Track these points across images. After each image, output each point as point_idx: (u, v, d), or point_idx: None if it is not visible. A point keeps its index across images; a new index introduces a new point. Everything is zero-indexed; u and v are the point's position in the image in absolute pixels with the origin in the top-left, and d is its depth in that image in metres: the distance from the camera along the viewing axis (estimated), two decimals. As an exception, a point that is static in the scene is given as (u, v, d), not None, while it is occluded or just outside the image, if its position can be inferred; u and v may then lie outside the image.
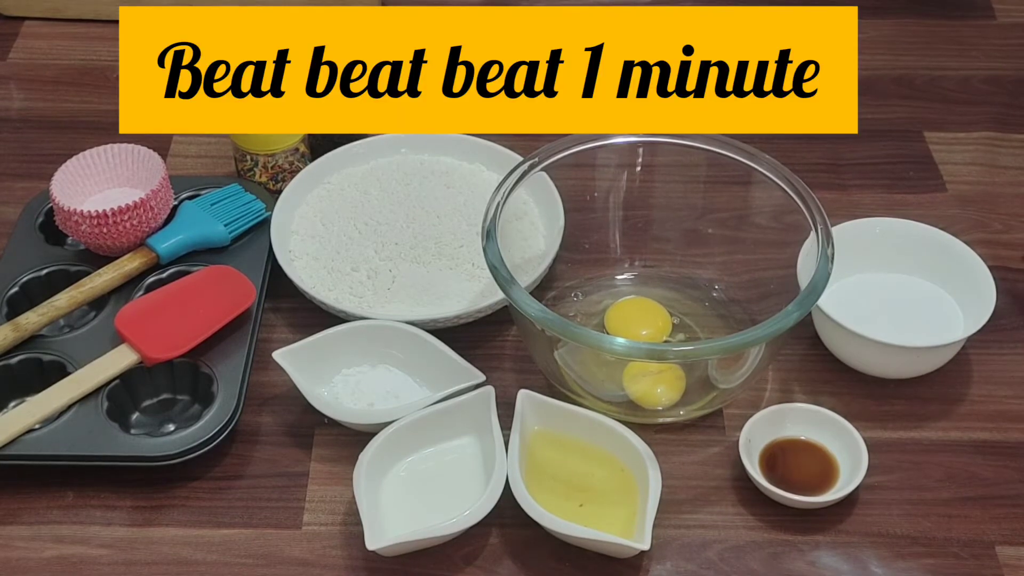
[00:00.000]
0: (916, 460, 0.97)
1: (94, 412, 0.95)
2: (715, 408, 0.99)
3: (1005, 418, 1.00)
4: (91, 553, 0.91)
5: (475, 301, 1.04)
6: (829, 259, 0.93)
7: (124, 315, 0.99)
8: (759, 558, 0.91)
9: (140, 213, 1.04)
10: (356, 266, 1.07)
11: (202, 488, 0.95)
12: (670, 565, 0.90)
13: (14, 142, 1.25)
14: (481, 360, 0.99)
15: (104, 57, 1.34)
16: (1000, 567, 0.90)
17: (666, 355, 0.94)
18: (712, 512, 0.93)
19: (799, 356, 1.04)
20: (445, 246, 1.09)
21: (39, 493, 0.94)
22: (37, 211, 1.11)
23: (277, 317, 1.07)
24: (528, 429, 0.94)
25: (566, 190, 1.08)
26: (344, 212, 1.12)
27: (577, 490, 0.93)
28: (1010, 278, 1.10)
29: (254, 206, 1.10)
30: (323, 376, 1.00)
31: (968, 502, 0.94)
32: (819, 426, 0.96)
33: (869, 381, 1.02)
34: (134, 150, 1.10)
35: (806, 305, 0.90)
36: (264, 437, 0.98)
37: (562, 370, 0.98)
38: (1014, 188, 1.20)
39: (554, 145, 1.02)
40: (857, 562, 0.91)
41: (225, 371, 0.98)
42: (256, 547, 0.91)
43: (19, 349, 0.99)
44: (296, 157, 1.15)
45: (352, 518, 0.91)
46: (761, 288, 1.05)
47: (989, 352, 1.04)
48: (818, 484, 0.94)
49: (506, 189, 0.99)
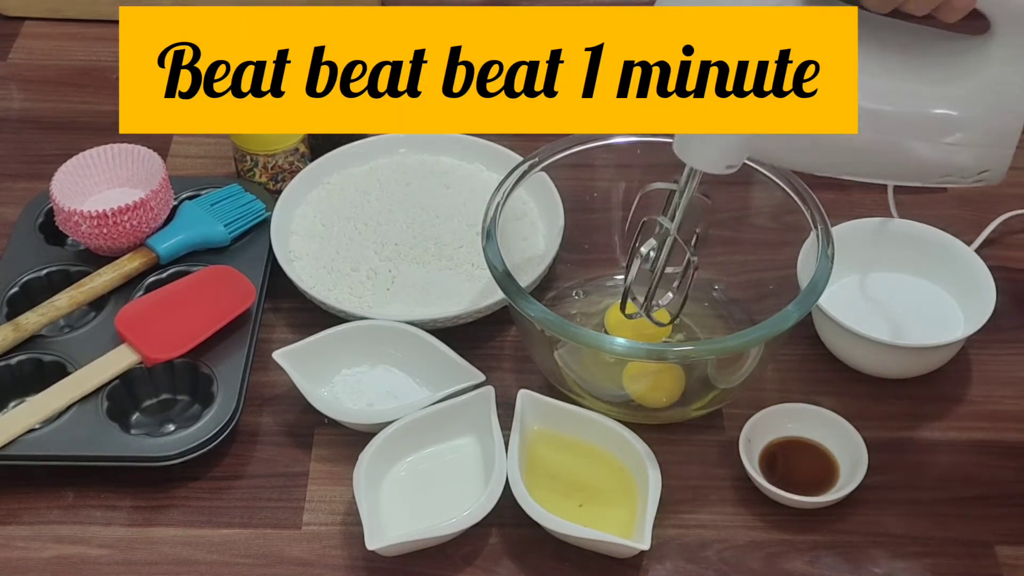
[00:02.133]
0: (916, 460, 0.97)
1: (94, 412, 0.95)
2: (715, 408, 0.99)
3: (1004, 418, 1.00)
4: (91, 553, 0.91)
5: (475, 301, 1.04)
6: (829, 259, 0.93)
7: (124, 315, 0.99)
8: (759, 558, 0.91)
9: (140, 213, 1.04)
10: (356, 266, 1.07)
11: (202, 488, 0.95)
12: (670, 565, 0.90)
13: (14, 142, 1.25)
14: (481, 360, 0.99)
15: (104, 57, 1.34)
16: (999, 567, 0.90)
17: (666, 355, 0.94)
18: (712, 512, 0.94)
19: (799, 356, 1.04)
20: (445, 246, 1.09)
21: (39, 493, 0.94)
22: (37, 211, 1.11)
23: (277, 317, 1.07)
24: (528, 429, 0.94)
25: (566, 190, 1.08)
26: (344, 212, 1.12)
27: (577, 490, 0.93)
28: (1010, 278, 1.10)
29: (254, 206, 1.10)
30: (323, 376, 1.00)
31: (967, 502, 0.94)
32: (819, 426, 0.96)
33: (869, 381, 1.02)
34: (134, 150, 1.10)
35: (806, 305, 0.90)
36: (264, 437, 0.98)
37: (562, 370, 0.98)
38: (1014, 188, 1.19)
39: (554, 145, 1.02)
40: (857, 562, 0.91)
41: (225, 371, 0.98)
42: (256, 547, 0.91)
43: (19, 349, 0.99)
44: (296, 157, 1.15)
45: (352, 518, 0.91)
46: (761, 288, 1.05)
47: (989, 352, 1.04)
48: (818, 484, 0.94)
49: (506, 189, 0.99)
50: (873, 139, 0.80)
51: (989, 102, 0.78)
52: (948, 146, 0.80)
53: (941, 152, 0.81)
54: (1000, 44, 0.77)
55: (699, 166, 0.85)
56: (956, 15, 0.74)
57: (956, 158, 0.81)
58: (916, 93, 0.79)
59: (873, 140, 0.80)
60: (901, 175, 0.84)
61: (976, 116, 0.79)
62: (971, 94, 0.78)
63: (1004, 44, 0.77)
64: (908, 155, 0.81)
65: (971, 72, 0.78)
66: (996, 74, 0.77)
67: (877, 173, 0.85)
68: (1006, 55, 0.77)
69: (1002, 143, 0.80)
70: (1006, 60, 0.77)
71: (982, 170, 0.81)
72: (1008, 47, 0.77)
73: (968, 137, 0.80)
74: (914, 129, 0.80)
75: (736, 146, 0.82)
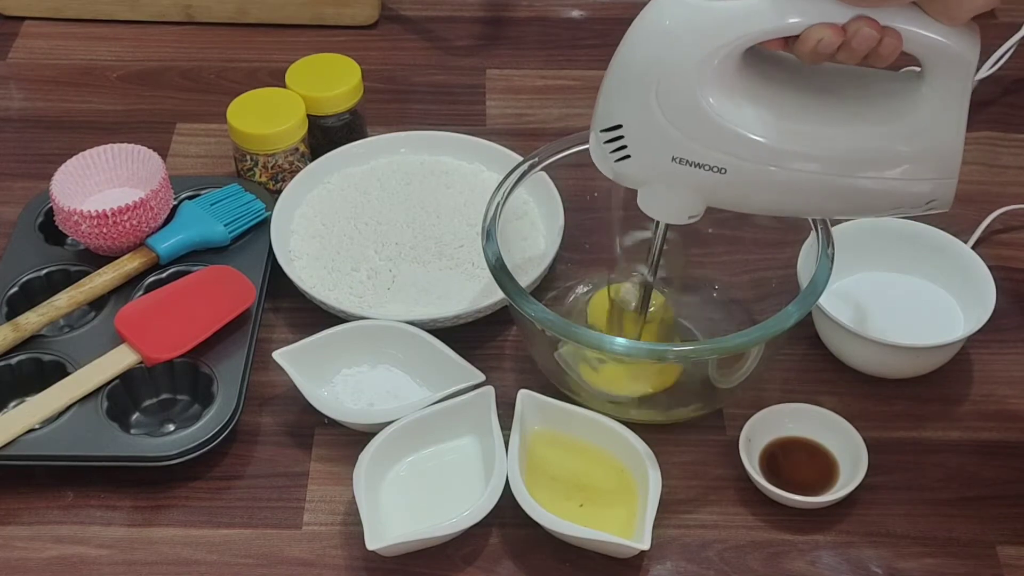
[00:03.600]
0: (916, 460, 0.97)
1: (94, 412, 0.95)
2: (715, 408, 0.99)
3: (1005, 418, 1.00)
4: (91, 553, 0.91)
5: (475, 301, 1.04)
6: (829, 259, 0.93)
7: (124, 315, 0.99)
8: (759, 558, 0.91)
9: (140, 213, 1.04)
10: (356, 266, 1.07)
11: (202, 488, 0.95)
12: (670, 565, 0.90)
13: (14, 142, 1.25)
14: (481, 360, 0.99)
15: (104, 57, 1.34)
16: (1000, 567, 0.90)
17: (666, 355, 0.94)
18: (712, 512, 0.93)
19: (799, 356, 1.04)
20: (445, 246, 1.09)
21: (39, 493, 0.94)
22: (37, 211, 1.10)
23: (277, 317, 1.07)
24: (528, 429, 0.94)
25: (566, 190, 1.08)
26: (344, 212, 1.12)
27: (577, 490, 0.93)
28: (1010, 278, 1.10)
29: (254, 206, 1.10)
30: (323, 376, 1.00)
31: (968, 502, 0.94)
32: (819, 426, 0.96)
33: (869, 381, 1.02)
34: (134, 150, 1.10)
35: (806, 305, 0.90)
36: (264, 437, 0.98)
37: (562, 370, 0.98)
38: (1014, 188, 1.20)
39: (554, 145, 1.02)
40: (857, 562, 0.91)
41: (225, 371, 0.98)
42: (256, 547, 0.91)
43: (19, 349, 0.99)
44: (296, 157, 1.15)
45: (352, 518, 0.91)
46: (761, 288, 1.05)
47: (989, 352, 1.04)
48: (818, 484, 0.94)
49: (506, 189, 0.99)
50: (823, 181, 0.83)
51: (928, 138, 0.81)
52: (894, 181, 0.83)
53: (888, 187, 0.83)
54: (931, 85, 0.79)
55: (662, 219, 0.89)
56: (884, 62, 0.77)
57: (903, 191, 0.83)
58: (862, 133, 0.82)
59: (823, 182, 0.83)
60: (852, 210, 0.88)
61: (917, 151, 0.82)
62: (911, 131, 0.81)
63: (934, 85, 0.79)
64: (858, 192, 0.83)
65: (909, 111, 0.80)
66: (930, 111, 0.80)
67: (829, 211, 0.88)
68: (937, 94, 0.79)
69: (944, 174, 0.82)
70: (937, 98, 0.79)
71: (929, 200, 0.84)
72: (938, 86, 0.79)
73: (912, 171, 0.82)
74: (862, 167, 0.82)
75: (693, 200, 0.86)
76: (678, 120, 0.80)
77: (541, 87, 1.31)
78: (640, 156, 0.83)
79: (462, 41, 1.38)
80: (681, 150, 0.81)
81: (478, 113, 1.28)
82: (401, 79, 1.33)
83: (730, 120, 0.80)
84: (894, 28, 0.76)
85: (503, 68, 1.34)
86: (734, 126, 0.80)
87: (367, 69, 1.20)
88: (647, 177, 0.85)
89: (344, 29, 1.37)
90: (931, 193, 0.83)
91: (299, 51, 1.22)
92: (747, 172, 0.82)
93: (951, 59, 0.77)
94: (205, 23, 1.38)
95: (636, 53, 0.79)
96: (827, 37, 0.75)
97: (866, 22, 0.75)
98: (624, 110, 0.82)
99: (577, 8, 1.41)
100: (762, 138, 0.81)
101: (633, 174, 0.85)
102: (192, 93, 1.30)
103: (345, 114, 1.18)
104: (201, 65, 1.34)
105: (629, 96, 0.81)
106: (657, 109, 0.80)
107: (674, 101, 0.80)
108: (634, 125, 0.82)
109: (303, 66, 1.19)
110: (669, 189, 0.85)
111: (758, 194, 0.84)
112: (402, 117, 1.27)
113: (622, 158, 0.83)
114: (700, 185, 0.83)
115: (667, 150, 0.82)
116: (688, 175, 0.82)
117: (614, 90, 0.82)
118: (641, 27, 0.79)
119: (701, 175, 0.82)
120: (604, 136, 0.83)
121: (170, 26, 1.38)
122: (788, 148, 0.81)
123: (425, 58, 1.35)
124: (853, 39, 0.75)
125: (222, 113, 1.14)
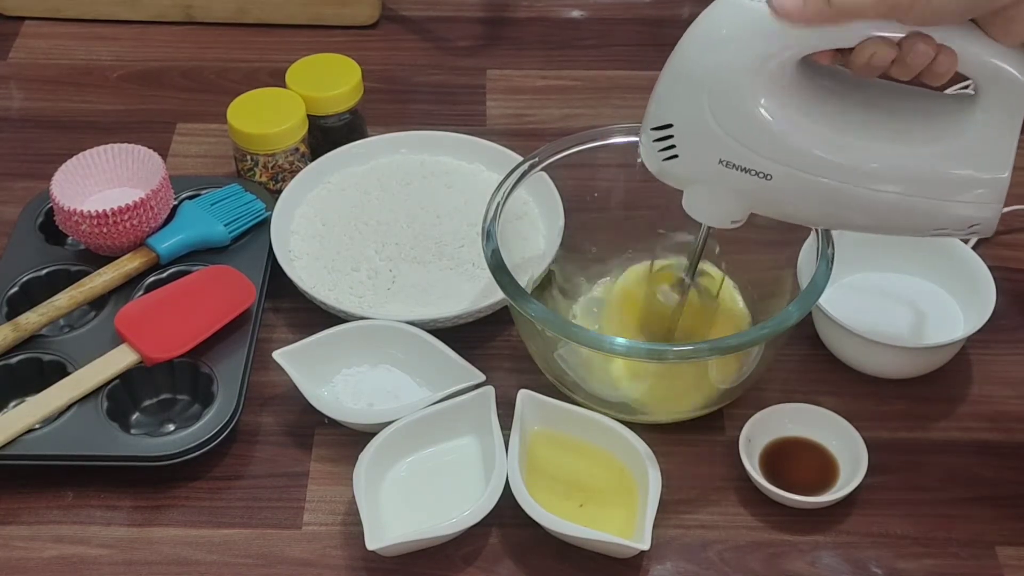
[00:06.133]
0: (916, 460, 0.97)
1: (94, 412, 0.95)
2: (715, 408, 0.99)
3: (1005, 418, 1.00)
4: (91, 553, 0.91)
5: (475, 301, 1.04)
6: (829, 259, 0.93)
7: (124, 315, 0.99)
8: (759, 558, 0.91)
9: (140, 213, 1.04)
10: (356, 266, 1.07)
11: (202, 488, 0.95)
12: (670, 565, 0.90)
13: (14, 142, 1.25)
14: (481, 360, 0.99)
15: (104, 57, 1.34)
16: (1000, 567, 0.90)
17: (666, 355, 0.94)
18: (712, 512, 0.93)
19: (799, 356, 1.04)
20: (445, 246, 1.09)
21: (39, 493, 0.94)
22: (37, 211, 1.10)
23: (277, 317, 1.07)
24: (528, 429, 0.94)
25: (566, 190, 1.08)
26: (344, 212, 1.12)
27: (577, 490, 0.93)
28: (1010, 278, 1.10)
29: (254, 206, 1.10)
30: (323, 376, 1.00)
31: (968, 502, 0.94)
32: (819, 426, 0.96)
33: (869, 381, 1.02)
34: (134, 150, 1.10)
35: (806, 305, 0.90)
36: (264, 437, 0.98)
37: (562, 370, 0.98)
38: (1014, 188, 1.18)
39: (554, 145, 1.02)
40: (857, 562, 0.91)
41: (225, 371, 0.98)
42: (256, 547, 0.91)
43: (19, 349, 0.99)
44: (296, 157, 1.15)
45: (352, 518, 0.91)
46: (761, 288, 1.05)
47: (989, 352, 1.04)
48: (818, 484, 0.94)
49: (506, 189, 0.99)
50: (868, 196, 0.83)
51: (978, 161, 0.81)
52: (939, 202, 0.83)
53: (931, 207, 0.83)
54: (984, 107, 0.79)
55: (705, 222, 0.89)
56: (940, 80, 0.77)
57: (947, 212, 0.83)
58: (911, 151, 0.82)
59: (868, 197, 0.83)
60: (893, 228, 0.87)
61: (966, 173, 0.81)
62: (961, 153, 0.81)
63: (988, 108, 0.79)
64: (900, 211, 0.83)
65: (959, 132, 0.80)
66: (982, 134, 0.80)
67: (874, 227, 0.88)
68: (989, 117, 0.79)
69: (990, 199, 0.82)
70: (990, 120, 0.79)
71: (973, 224, 0.84)
72: (992, 109, 0.79)
73: (959, 193, 0.82)
74: (907, 184, 0.82)
75: (737, 205, 0.87)
76: (727, 123, 0.81)
77: (541, 87, 1.31)
78: (687, 156, 0.84)
79: (462, 41, 1.38)
80: (728, 153, 0.82)
81: (478, 113, 1.28)
82: (401, 79, 1.33)
83: (779, 127, 0.81)
84: (950, 47, 0.76)
85: (503, 68, 1.34)
86: (783, 133, 0.81)
87: (367, 69, 1.20)
88: (693, 177, 0.85)
89: (344, 29, 1.38)
90: (975, 217, 0.83)
91: (299, 51, 1.22)
92: (792, 180, 0.82)
93: (1006, 82, 0.77)
94: (205, 23, 1.38)
95: (691, 56, 0.80)
96: (881, 51, 0.76)
97: (921, 39, 0.75)
98: (675, 110, 0.82)
99: (577, 8, 1.40)
100: (809, 147, 0.81)
101: (679, 173, 0.85)
102: (192, 93, 1.30)
103: (345, 114, 1.18)
104: (201, 65, 1.34)
105: (681, 97, 0.82)
106: (708, 111, 0.81)
107: (725, 104, 0.80)
108: (684, 125, 0.82)
109: (303, 66, 1.19)
110: (713, 192, 0.85)
111: (801, 204, 0.84)
112: (402, 117, 1.27)
113: (670, 157, 0.84)
114: (744, 189, 0.84)
115: (715, 152, 0.82)
116: (733, 178, 0.83)
117: (667, 90, 0.82)
118: (698, 32, 0.80)
119: (746, 179, 0.83)
120: (654, 135, 0.84)
121: (170, 26, 1.38)
122: (834, 159, 0.81)
123: (425, 58, 1.35)
124: (908, 55, 0.76)
125: (222, 113, 1.14)
